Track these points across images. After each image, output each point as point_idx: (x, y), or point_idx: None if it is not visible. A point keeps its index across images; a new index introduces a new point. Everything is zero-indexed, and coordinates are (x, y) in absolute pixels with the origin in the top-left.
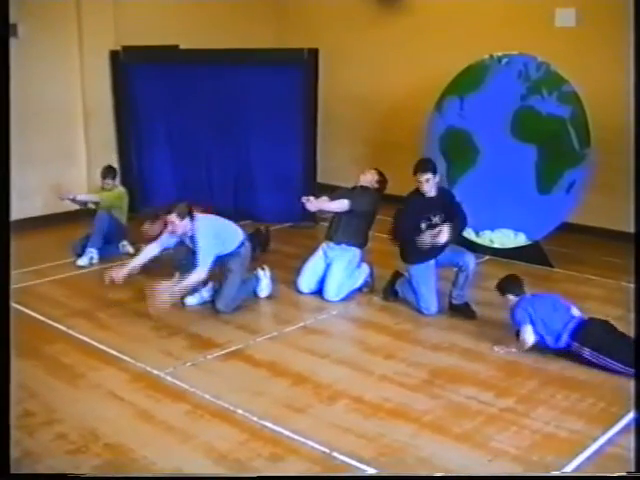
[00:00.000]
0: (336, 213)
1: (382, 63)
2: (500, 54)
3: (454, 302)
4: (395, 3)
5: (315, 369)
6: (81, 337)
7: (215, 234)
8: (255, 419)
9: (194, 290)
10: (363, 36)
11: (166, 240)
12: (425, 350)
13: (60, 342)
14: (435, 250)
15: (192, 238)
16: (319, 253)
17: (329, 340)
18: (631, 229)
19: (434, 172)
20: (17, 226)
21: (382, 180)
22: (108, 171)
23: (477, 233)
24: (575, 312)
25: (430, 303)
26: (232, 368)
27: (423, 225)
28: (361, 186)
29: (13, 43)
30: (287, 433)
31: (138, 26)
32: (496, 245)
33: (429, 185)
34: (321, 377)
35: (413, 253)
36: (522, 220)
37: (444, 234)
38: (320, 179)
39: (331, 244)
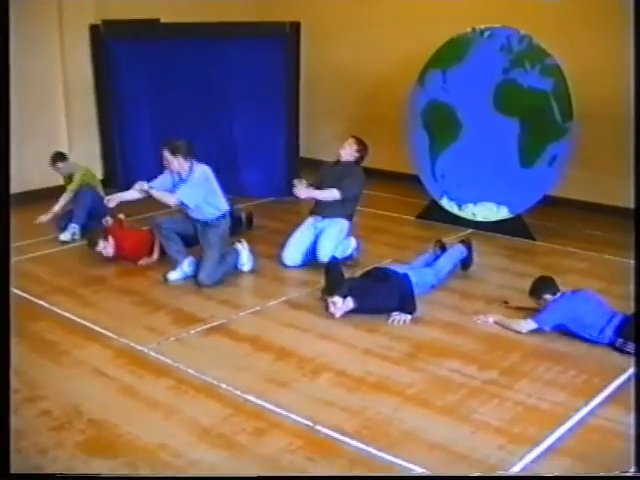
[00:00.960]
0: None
1: (365, 37)
2: (483, 27)
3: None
4: None
5: (298, 343)
6: (64, 314)
7: (206, 180)
8: (239, 393)
9: (176, 264)
10: (346, 9)
11: (162, 179)
12: (408, 324)
13: (43, 319)
14: None
15: (182, 180)
16: (306, 225)
17: (312, 315)
18: (614, 202)
19: (344, 296)
20: None
21: (362, 148)
22: (55, 158)
23: (460, 207)
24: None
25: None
26: (215, 343)
27: None
28: (344, 162)
29: None
30: (270, 407)
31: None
32: (479, 218)
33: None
34: (304, 351)
35: None
36: (505, 193)
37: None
38: (303, 154)
39: (318, 218)
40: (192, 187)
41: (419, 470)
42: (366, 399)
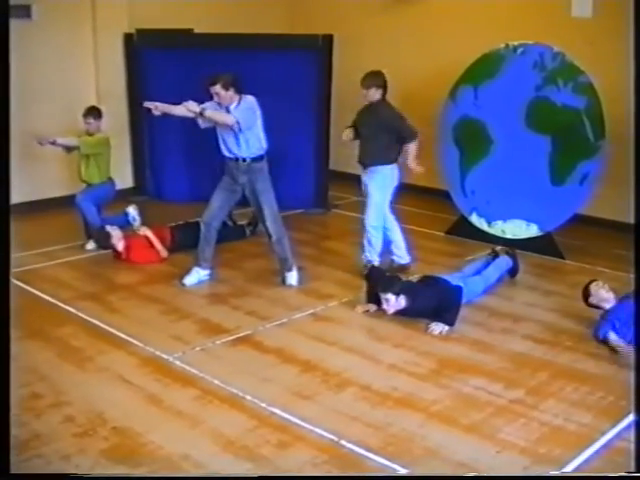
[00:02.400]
0: (360, 135)
1: (397, 50)
2: (516, 43)
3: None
4: None
5: (324, 357)
6: (90, 320)
7: (257, 109)
8: (264, 405)
9: (197, 266)
10: (378, 23)
11: (211, 105)
12: (434, 340)
13: (69, 325)
14: None
15: (229, 109)
16: (363, 187)
17: (338, 328)
18: None
19: (397, 294)
20: (28, 209)
21: (381, 84)
22: (90, 110)
23: (489, 223)
24: None
25: None
26: (241, 354)
27: None
28: (375, 103)
29: (27, 25)
30: (295, 420)
31: (152, 9)
32: (508, 235)
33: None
34: (329, 365)
35: None
36: (534, 211)
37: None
38: (333, 166)
39: (363, 169)
40: (246, 111)
41: None
42: (390, 415)
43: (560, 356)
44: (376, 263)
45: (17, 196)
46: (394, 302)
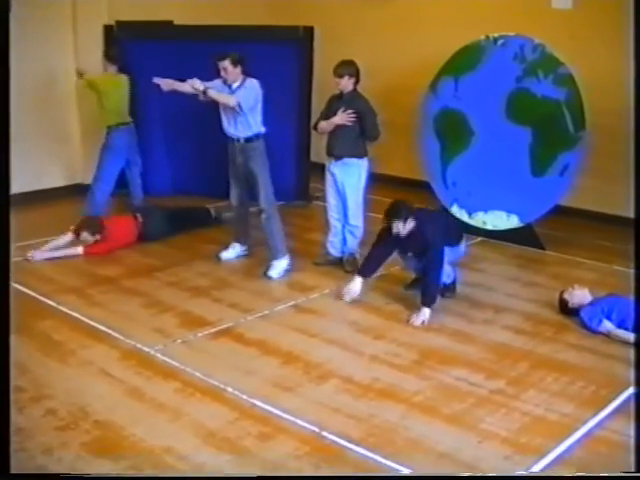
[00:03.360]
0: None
1: (378, 42)
2: (496, 35)
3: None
4: None
5: (305, 348)
6: (72, 313)
7: (256, 97)
8: (245, 398)
9: (234, 241)
10: (359, 14)
11: (214, 84)
12: (415, 331)
13: (51, 318)
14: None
15: (232, 88)
16: (328, 177)
17: (320, 320)
18: (624, 213)
19: (404, 219)
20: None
21: (353, 72)
22: (112, 53)
23: (470, 214)
24: None
25: None
26: (223, 346)
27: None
28: (348, 93)
29: None
30: (277, 412)
31: (132, 1)
32: (489, 227)
33: (397, 230)
34: (311, 357)
35: None
36: (515, 202)
37: None
38: (314, 158)
39: (332, 161)
40: (249, 91)
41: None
42: (372, 406)
43: (541, 346)
44: (357, 256)
45: None
46: (402, 227)
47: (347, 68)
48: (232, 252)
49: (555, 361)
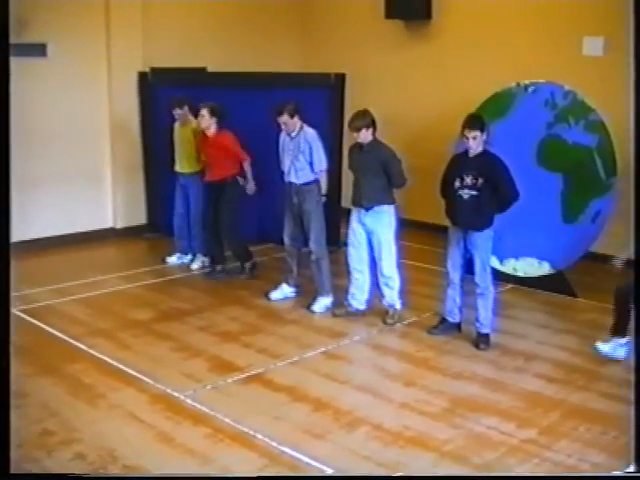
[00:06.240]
0: (356, 177)
1: (408, 88)
2: (527, 82)
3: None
4: (422, 27)
5: (335, 395)
6: (102, 357)
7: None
8: (274, 444)
9: (284, 281)
10: (389, 60)
11: (282, 144)
12: (446, 378)
13: (81, 361)
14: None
15: (292, 135)
16: (355, 226)
17: (350, 366)
18: None
19: (482, 130)
20: (41, 245)
21: (369, 122)
22: (180, 100)
23: (501, 261)
24: None
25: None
26: (252, 392)
27: (457, 183)
28: (368, 144)
29: (42, 62)
30: (306, 459)
31: (166, 48)
32: (520, 274)
33: (475, 143)
34: (341, 403)
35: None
36: (546, 249)
37: None
38: (345, 204)
39: (362, 211)
40: (317, 153)
41: None
42: (402, 454)
43: (572, 395)
44: (398, 307)
45: (28, 233)
46: (479, 139)
47: (363, 120)
48: (279, 293)
49: (587, 410)
